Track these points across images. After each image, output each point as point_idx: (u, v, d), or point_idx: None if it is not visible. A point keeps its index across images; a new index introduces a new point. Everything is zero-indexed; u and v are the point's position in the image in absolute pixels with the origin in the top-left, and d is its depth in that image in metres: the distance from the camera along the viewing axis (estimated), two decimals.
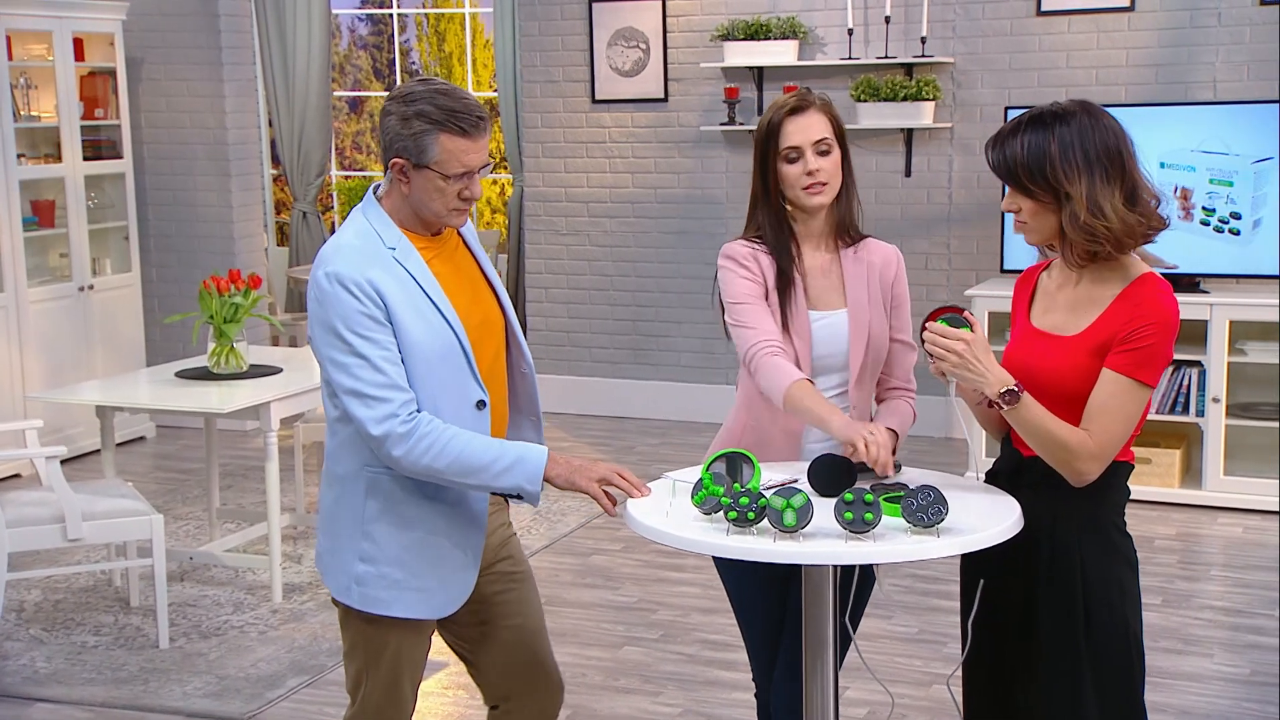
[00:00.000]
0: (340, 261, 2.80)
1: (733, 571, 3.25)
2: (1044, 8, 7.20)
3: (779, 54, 7.54)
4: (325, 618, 5.26)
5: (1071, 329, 2.78)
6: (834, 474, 2.83)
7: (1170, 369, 6.35)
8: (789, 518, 2.56)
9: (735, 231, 7.91)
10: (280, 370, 5.63)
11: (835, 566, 2.80)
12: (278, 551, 5.44)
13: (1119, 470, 2.78)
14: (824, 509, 2.67)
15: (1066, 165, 2.67)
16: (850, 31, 7.43)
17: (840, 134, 3.13)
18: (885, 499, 2.68)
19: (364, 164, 11.09)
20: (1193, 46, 6.94)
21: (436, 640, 3.16)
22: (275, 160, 9.85)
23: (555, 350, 8.41)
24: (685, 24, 7.88)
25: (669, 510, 2.77)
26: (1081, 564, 2.76)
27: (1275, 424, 6.35)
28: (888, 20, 7.35)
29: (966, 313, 2.76)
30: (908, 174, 7.52)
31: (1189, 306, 5.92)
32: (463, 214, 2.88)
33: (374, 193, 2.93)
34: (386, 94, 10.70)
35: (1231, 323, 6.27)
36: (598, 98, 8.10)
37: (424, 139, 2.76)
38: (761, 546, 2.56)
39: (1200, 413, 6.37)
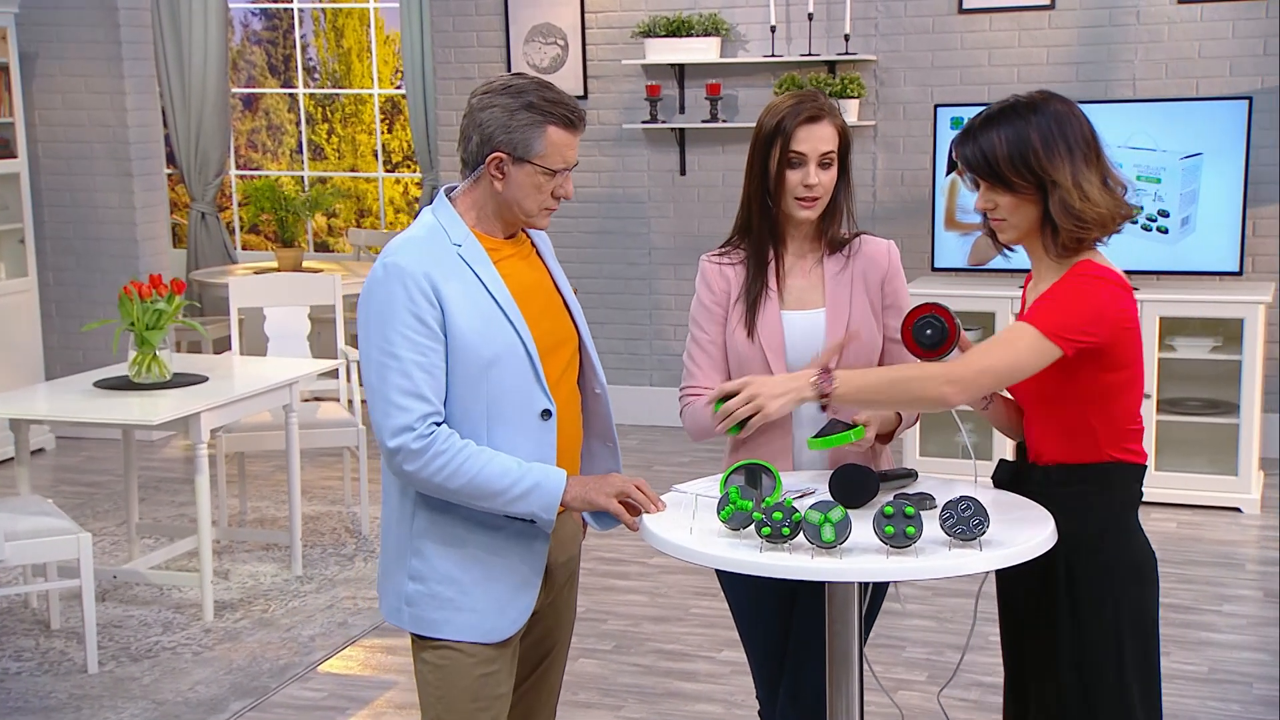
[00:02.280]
0: (402, 253, 2.66)
1: (738, 587, 3.11)
2: (965, 6, 7.20)
3: (701, 51, 7.44)
4: (262, 636, 5.05)
5: None
6: (856, 484, 2.73)
7: None
8: (827, 533, 2.45)
9: (658, 231, 7.90)
10: (206, 379, 5.39)
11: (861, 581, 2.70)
12: (209, 568, 5.21)
13: (1126, 469, 2.73)
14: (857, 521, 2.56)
15: (1050, 152, 2.64)
16: (773, 29, 7.36)
17: (844, 146, 3.06)
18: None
19: (260, 163, 10.77)
20: (1112, 45, 6.99)
21: (385, 656, 2.96)
22: (169, 159, 9.50)
23: None
24: (604, 20, 7.74)
25: (692, 526, 2.65)
26: (1100, 564, 2.70)
27: (1204, 419, 6.41)
28: (810, 18, 7.29)
29: (945, 309, 2.73)
30: None
31: None
32: (549, 215, 2.77)
33: (446, 194, 2.80)
34: (299, 90, 10.36)
35: (1161, 319, 6.31)
36: None
37: (530, 131, 2.65)
38: (800, 564, 2.43)
39: None
